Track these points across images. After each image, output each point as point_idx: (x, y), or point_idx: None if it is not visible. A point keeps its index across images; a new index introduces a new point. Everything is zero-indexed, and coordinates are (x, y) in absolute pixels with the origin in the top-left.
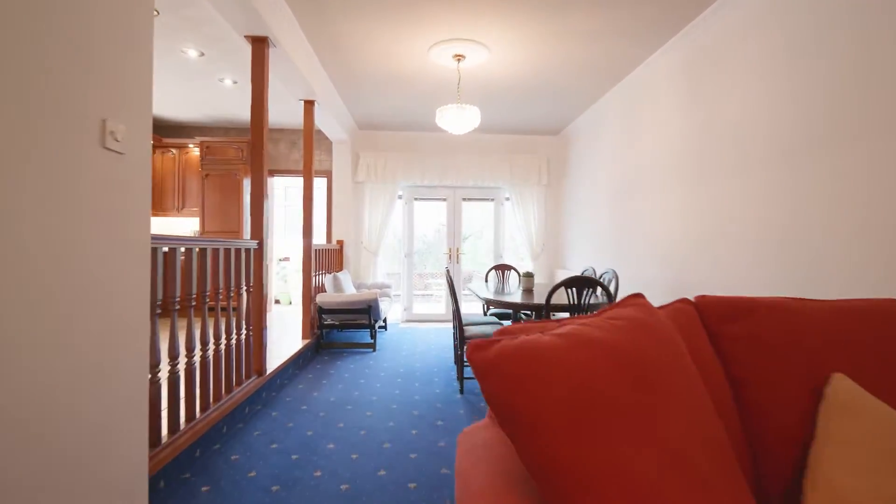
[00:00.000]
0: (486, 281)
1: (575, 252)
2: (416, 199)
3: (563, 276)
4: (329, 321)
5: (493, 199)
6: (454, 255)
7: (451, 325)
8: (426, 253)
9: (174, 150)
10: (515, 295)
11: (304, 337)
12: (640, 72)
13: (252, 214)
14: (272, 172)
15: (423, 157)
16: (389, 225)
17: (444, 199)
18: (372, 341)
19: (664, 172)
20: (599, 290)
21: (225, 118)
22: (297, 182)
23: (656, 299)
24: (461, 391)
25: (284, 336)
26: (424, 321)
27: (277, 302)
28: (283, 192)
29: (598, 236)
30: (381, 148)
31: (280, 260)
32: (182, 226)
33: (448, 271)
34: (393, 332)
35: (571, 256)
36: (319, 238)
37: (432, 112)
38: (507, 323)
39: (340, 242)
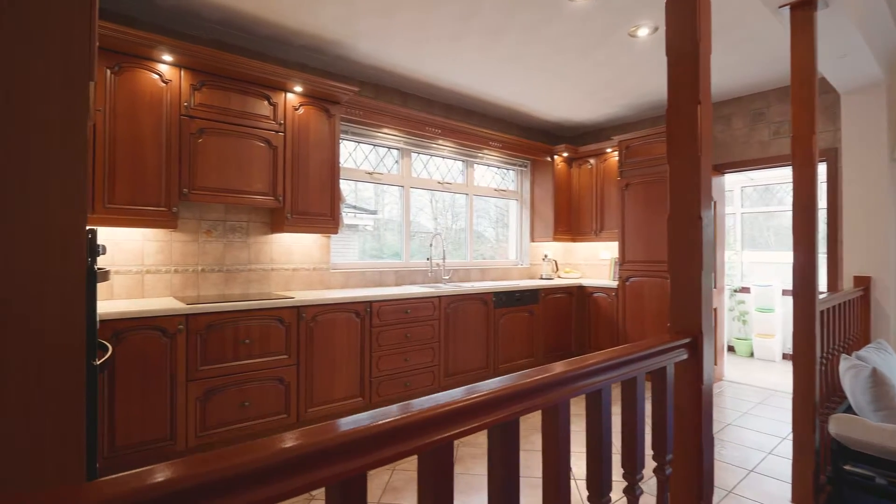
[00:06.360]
0: None
1: None
2: None
3: None
4: (860, 472)
5: None
6: None
7: None
8: None
9: (592, 161)
10: None
11: (794, 500)
12: None
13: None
14: (719, 168)
15: None
16: None
17: None
18: None
19: None
20: None
21: (644, 103)
22: (762, 177)
23: None
24: None
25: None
26: None
27: (731, 350)
28: (739, 193)
29: None
30: None
31: (734, 292)
32: (600, 253)
33: None
34: None
35: None
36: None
37: None
38: None
39: (865, 281)
